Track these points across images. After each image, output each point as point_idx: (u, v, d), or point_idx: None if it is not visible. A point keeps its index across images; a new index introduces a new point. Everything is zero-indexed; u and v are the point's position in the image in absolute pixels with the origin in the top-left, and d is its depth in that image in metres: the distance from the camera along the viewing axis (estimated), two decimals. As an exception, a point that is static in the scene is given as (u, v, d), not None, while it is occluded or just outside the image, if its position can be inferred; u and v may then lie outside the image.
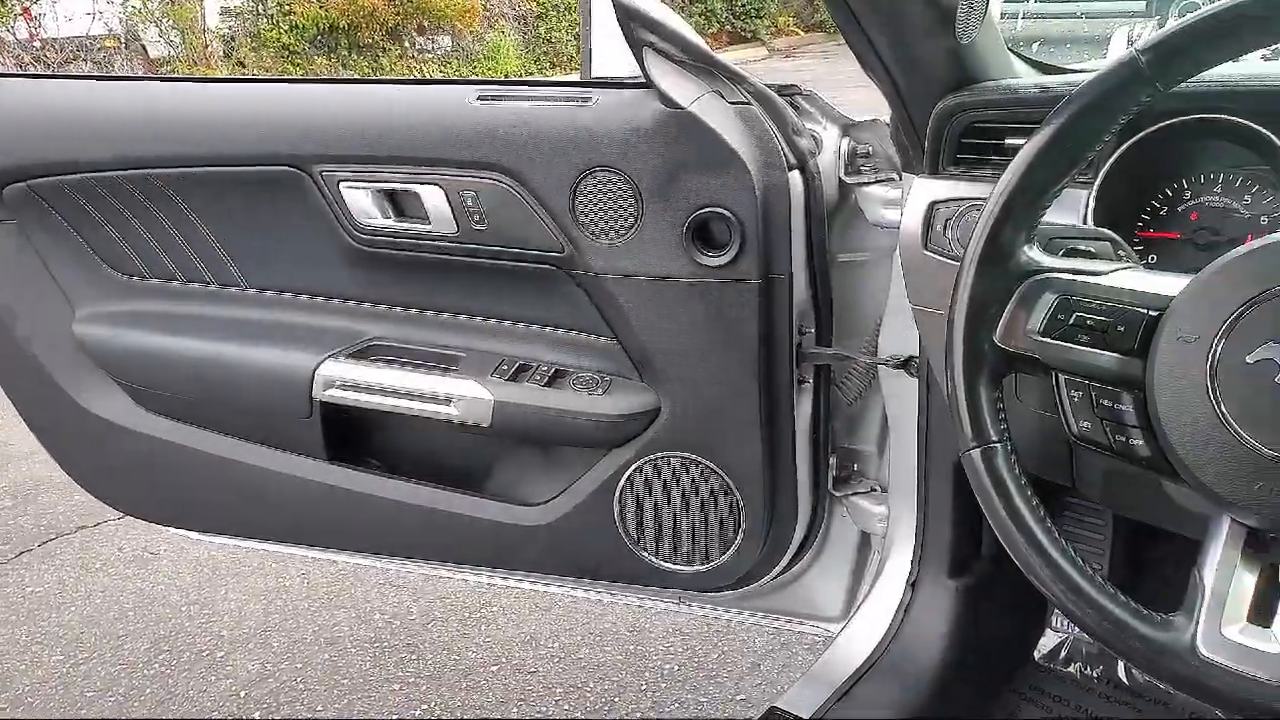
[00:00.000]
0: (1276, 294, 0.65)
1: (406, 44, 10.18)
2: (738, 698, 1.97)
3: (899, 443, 1.46)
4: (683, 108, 1.25)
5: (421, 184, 1.39)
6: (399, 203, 1.44)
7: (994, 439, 0.76)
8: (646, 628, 2.17)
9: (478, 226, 1.39)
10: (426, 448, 1.63)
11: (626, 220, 1.33)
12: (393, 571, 2.35)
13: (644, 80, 1.27)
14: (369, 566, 2.24)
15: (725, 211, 1.28)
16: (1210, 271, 0.70)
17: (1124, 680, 1.49)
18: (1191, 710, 1.40)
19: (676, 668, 2.06)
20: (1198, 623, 0.66)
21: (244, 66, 9.07)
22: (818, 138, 1.36)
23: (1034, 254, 0.78)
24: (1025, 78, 1.15)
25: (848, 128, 1.37)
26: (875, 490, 1.57)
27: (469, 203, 1.38)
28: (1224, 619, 0.66)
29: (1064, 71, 1.22)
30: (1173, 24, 0.71)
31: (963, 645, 1.42)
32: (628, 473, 1.46)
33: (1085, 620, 0.70)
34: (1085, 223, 1.00)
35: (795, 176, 1.30)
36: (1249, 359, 0.65)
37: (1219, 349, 0.67)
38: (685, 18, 1.32)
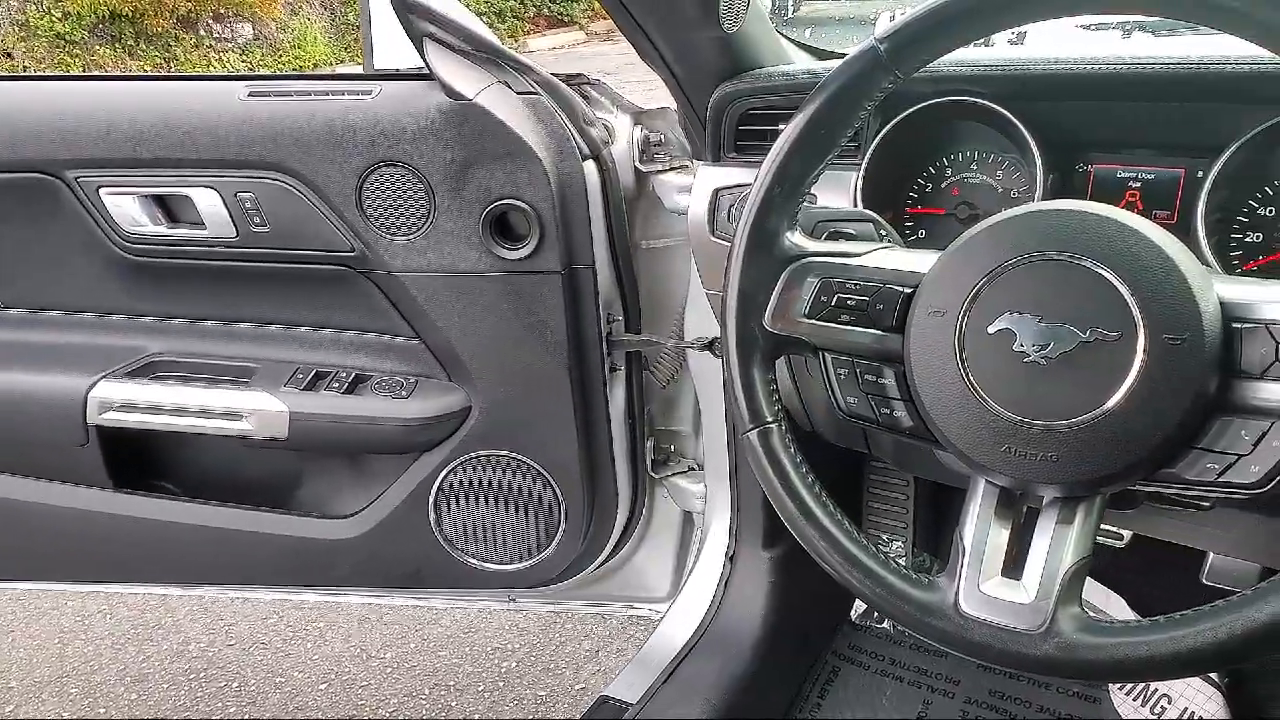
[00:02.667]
0: (1010, 267, 0.70)
1: (202, 32, 9.53)
2: (576, 687, 1.97)
3: (710, 422, 1.49)
4: (468, 99, 1.22)
5: (193, 187, 1.29)
6: (170, 208, 1.34)
7: (769, 420, 0.79)
8: (481, 628, 2.13)
9: (259, 229, 1.31)
10: (223, 467, 1.53)
11: (419, 216, 1.28)
12: (207, 597, 2.21)
13: (428, 72, 1.24)
14: (180, 595, 2.10)
15: (522, 203, 1.26)
16: (953, 249, 0.74)
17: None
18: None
19: (514, 665, 2.04)
20: (959, 581, 0.70)
21: (11, 59, 8.24)
22: (610, 127, 1.35)
23: (797, 239, 0.80)
24: (799, 63, 1.19)
25: (639, 116, 1.37)
26: (693, 469, 1.60)
27: (248, 204, 1.29)
28: (982, 575, 0.70)
29: (837, 56, 1.27)
30: (909, 12, 0.74)
31: (781, 613, 1.47)
32: (441, 476, 1.42)
33: (860, 588, 0.73)
34: (856, 203, 1.05)
35: (590, 166, 1.30)
36: (990, 330, 0.70)
37: (963, 321, 0.70)
38: (483, 5, 1.28)
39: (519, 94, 1.27)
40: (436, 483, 1.42)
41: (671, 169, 1.39)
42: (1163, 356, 0.64)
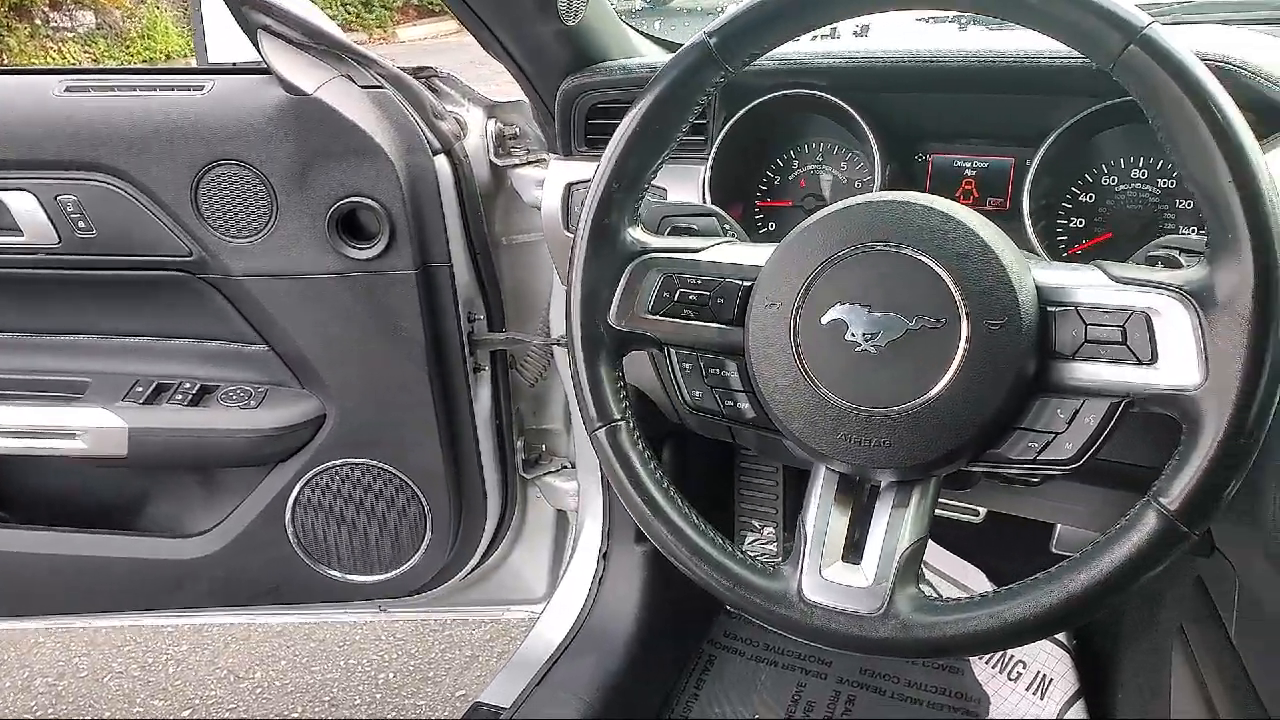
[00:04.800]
0: (839, 259, 0.71)
1: (39, 21, 8.91)
2: (457, 694, 1.93)
3: (579, 419, 1.47)
4: (308, 94, 1.17)
5: (5, 190, 1.20)
6: (-22, 213, 1.24)
7: (616, 417, 0.78)
8: (356, 641, 2.07)
9: (85, 235, 1.22)
10: (59, 489, 1.43)
11: (261, 217, 1.22)
12: (54, 629, 2.07)
13: (265, 66, 1.18)
14: (22, 629, 1.97)
15: (370, 201, 1.22)
16: (786, 242, 0.74)
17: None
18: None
19: (392, 676, 1.98)
20: (801, 568, 0.71)
21: None
22: (461, 120, 1.32)
23: (638, 235, 0.80)
24: (647, 55, 1.18)
25: (493, 109, 1.34)
26: (566, 467, 1.58)
27: (70, 208, 1.21)
28: (824, 561, 0.71)
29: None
30: (736, 6, 0.74)
31: (656, 607, 1.47)
32: (298, 487, 1.36)
33: (709, 582, 0.74)
34: (705, 198, 1.05)
35: (441, 161, 1.26)
36: (823, 320, 0.71)
37: (797, 313, 0.71)
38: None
39: (363, 88, 1.23)
40: (293, 495, 1.37)
41: (529, 162, 1.36)
42: (984, 342, 0.66)
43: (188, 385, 1.31)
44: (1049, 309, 0.67)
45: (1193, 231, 0.93)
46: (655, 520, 0.76)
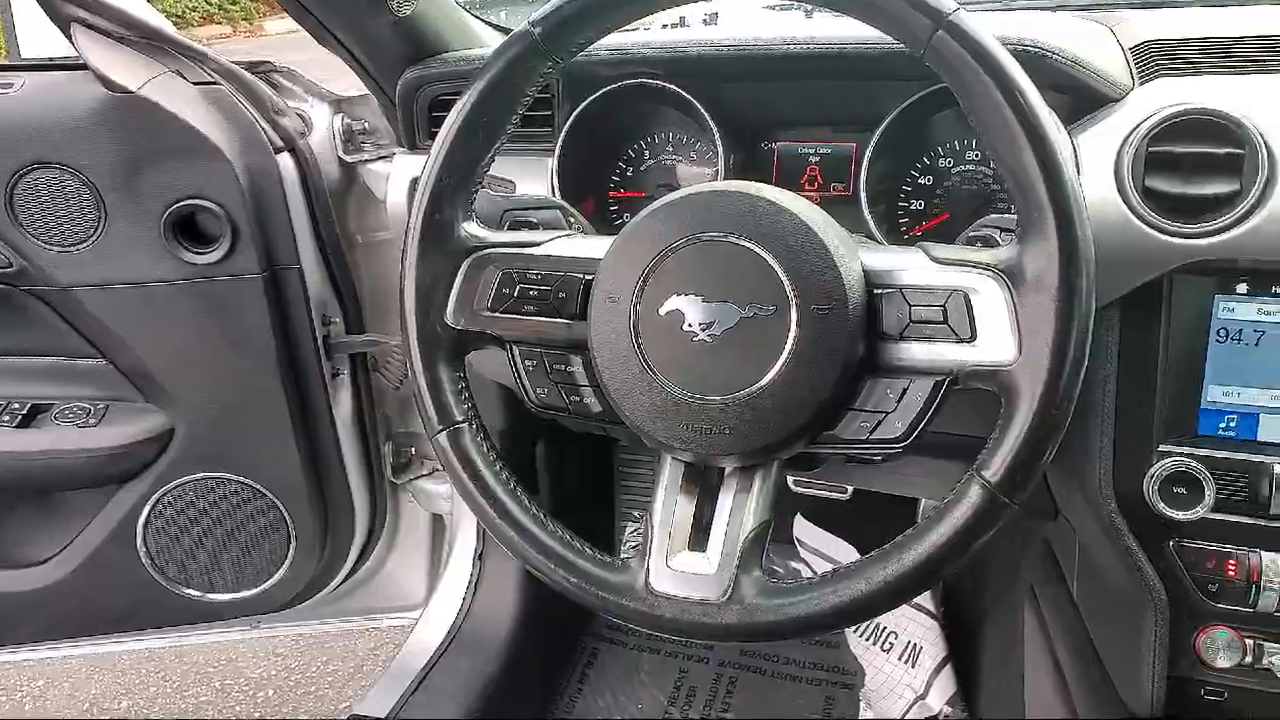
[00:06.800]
0: (674, 250, 0.71)
1: None
2: (341, 706, 1.88)
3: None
4: (132, 90, 1.10)
5: None
6: None
7: (459, 420, 0.76)
8: (234, 659, 1.98)
9: (-115, 247, 1.13)
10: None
11: (88, 223, 1.15)
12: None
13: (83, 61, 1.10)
14: None
15: (208, 203, 1.16)
16: (623, 235, 0.74)
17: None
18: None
19: (272, 693, 1.91)
20: (648, 559, 0.71)
21: None
22: (305, 116, 1.27)
23: (474, 230, 0.78)
24: (492, 45, 1.16)
25: (339, 104, 1.30)
26: (438, 470, 1.55)
27: None
28: (670, 551, 0.71)
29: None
30: (560, -6, 0.73)
31: (535, 606, 1.46)
32: (149, 507, 1.29)
33: (556, 580, 0.72)
34: (554, 190, 1.03)
35: (285, 159, 1.21)
36: (661, 311, 0.70)
37: (636, 305, 0.71)
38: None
39: (195, 84, 1.16)
40: (143, 515, 1.30)
41: (380, 158, 1.32)
42: (813, 326, 0.66)
43: (16, 405, 1.23)
44: (876, 292, 0.68)
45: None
46: (501, 522, 0.74)
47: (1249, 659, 0.89)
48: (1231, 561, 0.86)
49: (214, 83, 1.18)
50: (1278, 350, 0.83)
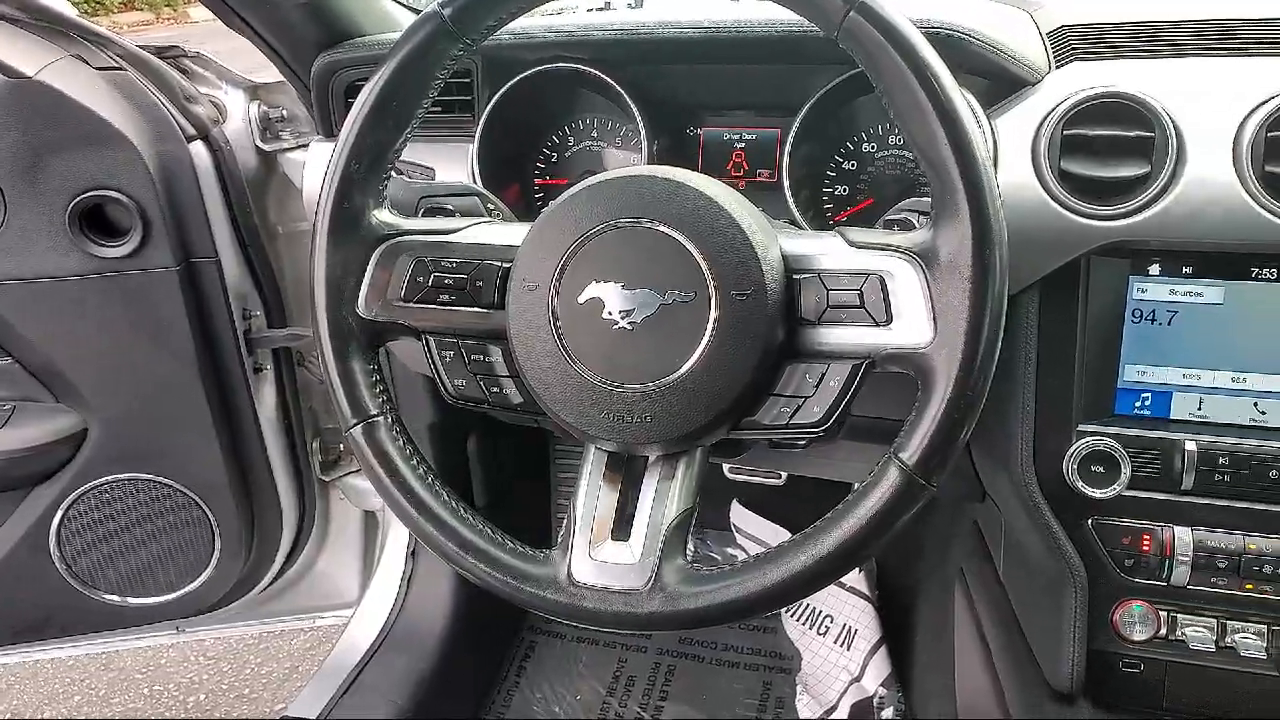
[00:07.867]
0: (592, 237, 0.69)
1: None
2: (276, 708, 1.84)
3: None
4: (28, 76, 1.05)
5: None
6: None
7: (373, 413, 0.74)
8: (163, 664, 1.93)
9: None
10: None
11: None
12: None
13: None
14: None
15: (116, 194, 1.11)
16: (540, 221, 0.72)
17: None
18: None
19: (203, 697, 1.86)
20: (571, 551, 0.70)
21: None
22: (219, 104, 1.23)
23: (386, 218, 0.75)
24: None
25: (255, 90, 1.26)
26: (369, 466, 1.52)
27: None
28: (593, 541, 0.70)
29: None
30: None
31: (470, 601, 1.44)
32: (61, 510, 1.24)
33: (479, 575, 0.71)
34: (475, 177, 1.01)
35: (198, 147, 1.17)
36: (580, 299, 0.69)
37: (555, 293, 0.69)
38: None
39: (98, 70, 1.12)
40: (57, 518, 1.25)
41: (300, 146, 1.28)
42: (732, 312, 0.66)
43: (-84, 408, 1.17)
44: (794, 277, 0.68)
45: None
46: (420, 518, 0.72)
47: (1163, 631, 0.91)
48: (1146, 537, 0.88)
49: (119, 68, 1.13)
50: (1190, 330, 0.85)
